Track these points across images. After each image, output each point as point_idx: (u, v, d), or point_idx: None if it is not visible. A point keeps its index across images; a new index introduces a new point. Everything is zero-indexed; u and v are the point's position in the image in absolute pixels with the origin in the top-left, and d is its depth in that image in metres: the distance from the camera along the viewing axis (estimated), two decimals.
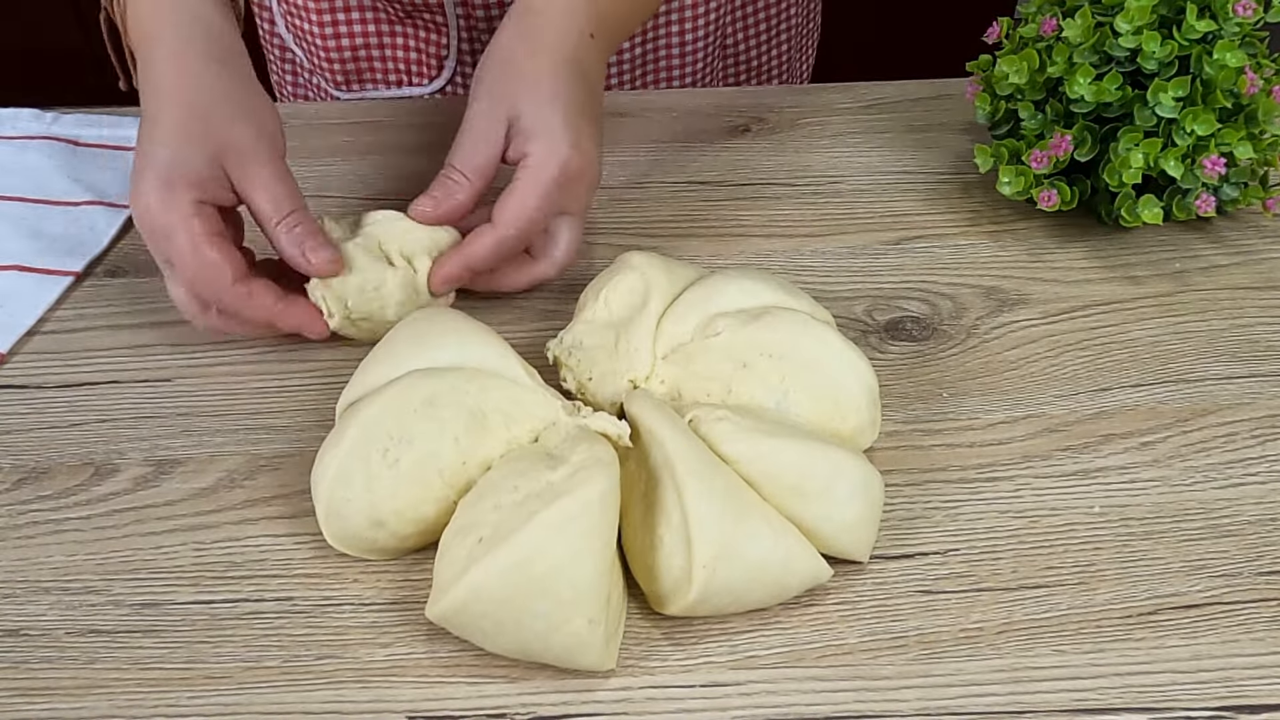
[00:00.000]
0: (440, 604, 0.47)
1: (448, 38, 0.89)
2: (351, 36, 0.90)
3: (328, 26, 0.89)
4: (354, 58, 0.91)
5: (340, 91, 0.94)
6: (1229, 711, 0.47)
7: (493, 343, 0.56)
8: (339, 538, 0.52)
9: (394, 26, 0.90)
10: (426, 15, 0.88)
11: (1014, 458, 0.58)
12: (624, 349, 0.58)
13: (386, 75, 0.92)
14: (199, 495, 0.57)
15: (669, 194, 0.77)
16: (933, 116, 0.84)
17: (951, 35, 0.97)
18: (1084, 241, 0.73)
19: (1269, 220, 0.74)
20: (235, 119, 0.59)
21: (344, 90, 0.93)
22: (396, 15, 0.89)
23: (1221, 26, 0.66)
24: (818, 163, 0.80)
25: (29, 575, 0.53)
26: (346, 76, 0.93)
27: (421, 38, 0.90)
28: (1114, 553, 0.54)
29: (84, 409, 0.61)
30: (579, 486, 0.47)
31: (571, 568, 0.46)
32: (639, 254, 0.61)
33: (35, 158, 0.79)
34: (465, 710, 0.48)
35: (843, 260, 0.71)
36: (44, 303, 0.68)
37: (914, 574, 0.53)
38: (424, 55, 0.91)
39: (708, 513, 0.48)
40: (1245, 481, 0.57)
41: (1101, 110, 0.69)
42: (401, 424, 0.51)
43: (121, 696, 0.48)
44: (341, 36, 0.90)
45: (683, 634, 0.50)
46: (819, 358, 0.56)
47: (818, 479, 0.51)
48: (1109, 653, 0.49)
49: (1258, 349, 0.65)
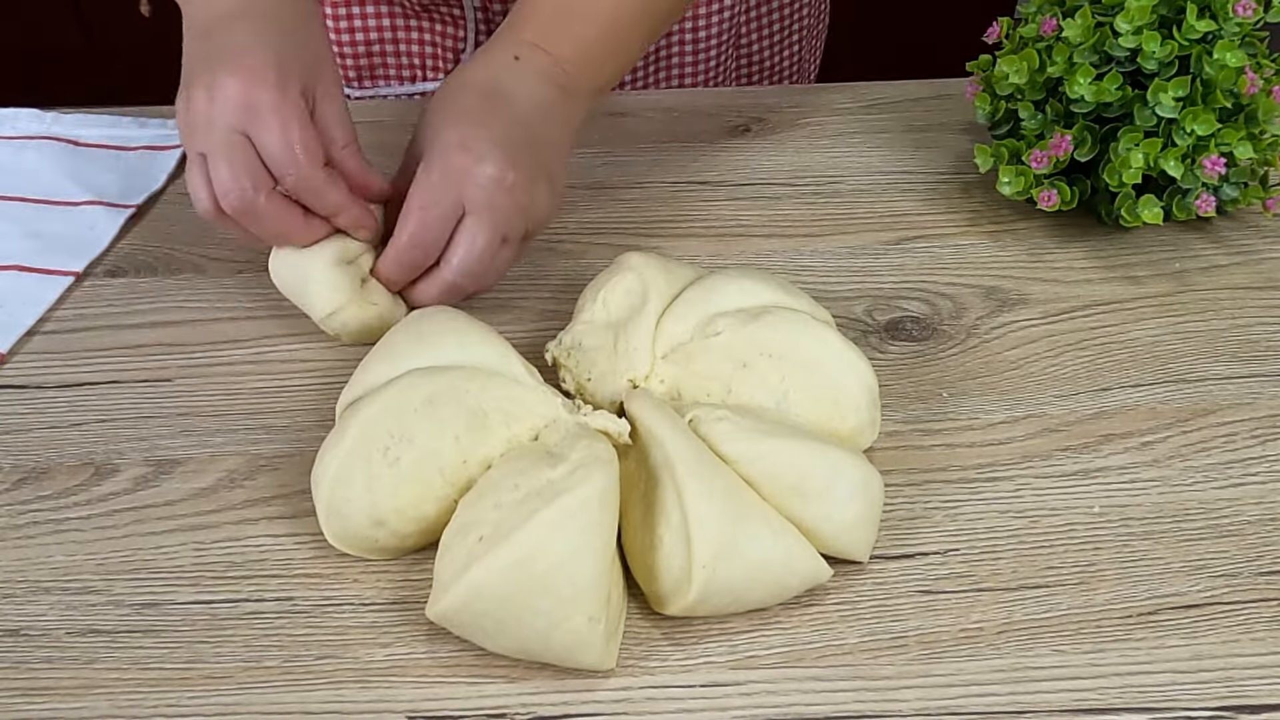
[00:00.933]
0: (441, 603, 0.47)
1: (465, 30, 0.89)
2: (366, 31, 0.90)
3: (342, 20, 0.89)
4: (368, 52, 0.91)
5: (352, 89, 0.94)
6: (1229, 711, 0.47)
7: (492, 341, 0.56)
8: (340, 537, 0.52)
9: (409, 20, 0.90)
10: (444, 8, 0.88)
11: (1014, 458, 0.58)
12: (623, 349, 0.58)
13: (400, 71, 0.92)
14: (199, 495, 0.57)
15: (669, 194, 0.77)
16: (933, 116, 0.84)
17: (951, 35, 0.97)
18: (1084, 241, 0.73)
19: (1269, 220, 0.74)
20: (323, 52, 0.63)
21: (355, 87, 0.93)
22: (413, 9, 0.89)
23: (1221, 26, 0.66)
24: (818, 163, 0.80)
25: (29, 575, 0.53)
26: (359, 72, 0.92)
27: (438, 31, 0.90)
28: (1114, 553, 0.54)
29: (84, 409, 0.61)
30: (578, 484, 0.47)
31: (571, 565, 0.46)
32: (636, 254, 0.61)
33: (35, 158, 0.79)
34: (465, 710, 0.48)
35: (843, 260, 0.71)
36: (44, 303, 0.68)
37: (914, 574, 0.53)
38: (440, 50, 0.91)
39: (707, 513, 0.48)
40: (1245, 481, 0.57)
41: (1101, 110, 0.69)
42: (402, 423, 0.51)
43: (121, 696, 0.48)
44: (356, 30, 0.90)
45: (683, 634, 0.50)
46: (819, 358, 0.56)
47: (818, 479, 0.51)
48: (1109, 653, 0.49)
49: (1258, 349, 0.65)
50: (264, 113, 0.58)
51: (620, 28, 0.68)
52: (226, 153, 0.58)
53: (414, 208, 0.61)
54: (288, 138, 0.58)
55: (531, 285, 0.70)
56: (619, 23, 0.68)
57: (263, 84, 0.58)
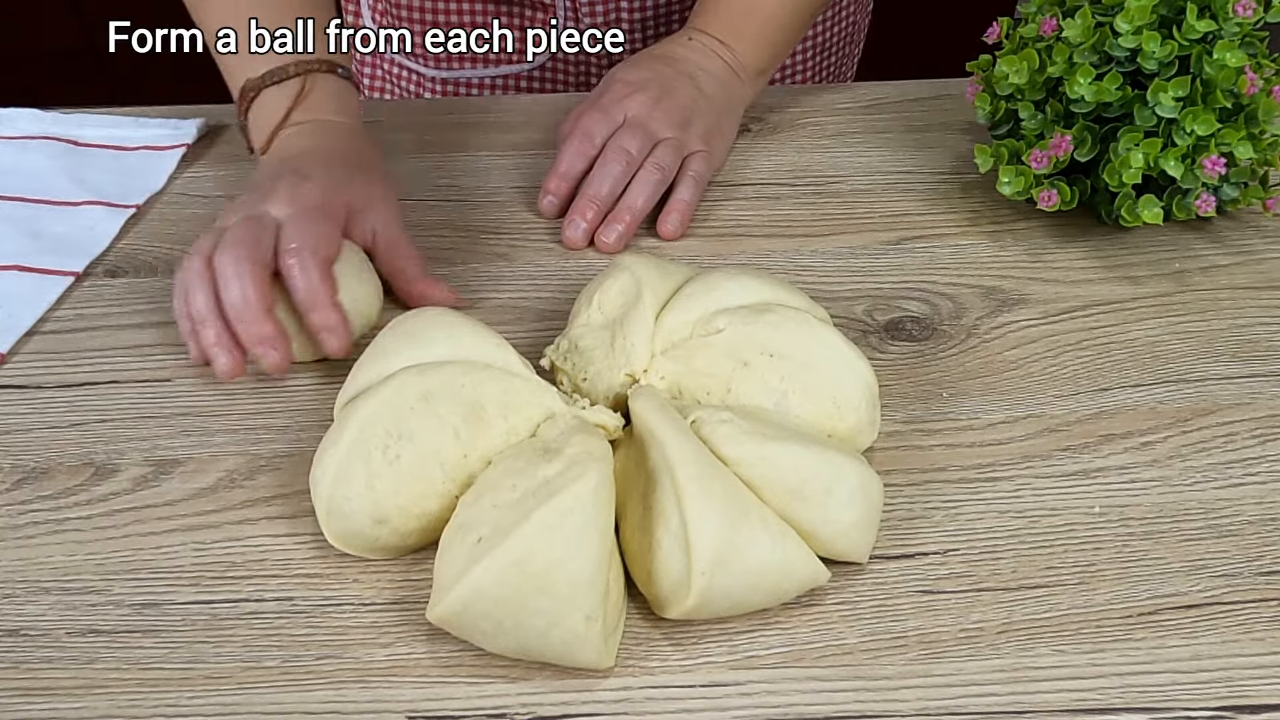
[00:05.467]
0: (440, 606, 0.47)
1: (555, 16, 0.90)
2: (448, 14, 0.91)
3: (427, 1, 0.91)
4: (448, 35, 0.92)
5: (428, 69, 0.94)
6: (1229, 711, 0.47)
7: (485, 335, 0.56)
8: (340, 537, 0.52)
9: (498, 5, 0.91)
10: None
11: (1014, 458, 0.58)
12: (620, 345, 0.58)
13: (487, 53, 0.94)
14: (199, 495, 0.57)
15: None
16: (933, 116, 0.84)
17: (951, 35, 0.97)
18: (1084, 241, 0.73)
19: (1269, 220, 0.74)
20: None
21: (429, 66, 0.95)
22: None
23: (1221, 26, 0.66)
24: (818, 163, 0.80)
25: (29, 575, 0.53)
26: (438, 58, 0.94)
27: (527, 16, 0.91)
28: (1114, 553, 0.53)
29: (84, 409, 0.61)
30: (572, 482, 0.47)
31: (568, 564, 0.46)
32: (629, 255, 0.61)
33: (35, 158, 0.79)
34: (465, 710, 0.48)
35: (842, 260, 0.71)
36: (44, 303, 0.68)
37: (914, 574, 0.53)
38: (525, 35, 0.92)
39: (707, 518, 0.48)
40: (1245, 481, 0.57)
41: (1101, 110, 0.69)
42: (400, 421, 0.51)
43: (121, 696, 0.48)
44: (439, 13, 0.92)
45: (683, 634, 0.50)
46: (819, 357, 0.56)
47: (818, 483, 0.51)
48: (1109, 653, 0.49)
49: (1258, 349, 0.65)
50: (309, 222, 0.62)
51: (782, 15, 0.80)
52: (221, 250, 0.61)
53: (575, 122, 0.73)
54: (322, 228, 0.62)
55: (531, 286, 0.70)
56: (780, 13, 0.80)
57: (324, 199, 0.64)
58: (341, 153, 0.68)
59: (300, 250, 0.60)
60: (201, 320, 0.60)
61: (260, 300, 0.59)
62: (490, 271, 0.71)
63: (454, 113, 0.86)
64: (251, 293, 0.59)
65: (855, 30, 1.03)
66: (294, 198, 0.63)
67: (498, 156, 0.81)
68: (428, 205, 0.76)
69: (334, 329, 0.61)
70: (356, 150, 0.69)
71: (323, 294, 0.60)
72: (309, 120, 0.69)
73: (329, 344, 0.61)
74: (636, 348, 0.57)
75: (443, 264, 0.71)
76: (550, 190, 0.73)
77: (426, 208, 0.76)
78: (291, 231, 0.61)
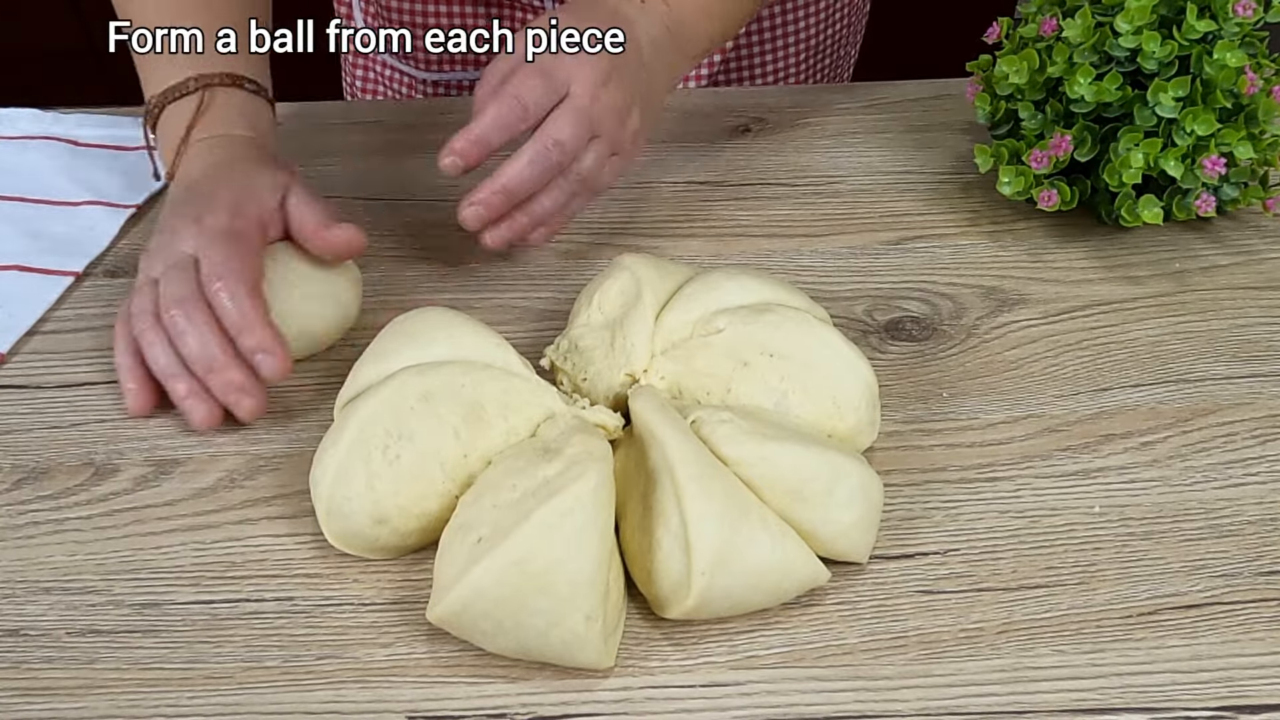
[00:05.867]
0: (441, 605, 0.47)
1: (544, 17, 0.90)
2: (438, 16, 0.91)
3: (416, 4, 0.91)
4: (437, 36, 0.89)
5: (420, 71, 0.94)
6: (1229, 711, 0.47)
7: (484, 335, 0.56)
8: (341, 537, 0.52)
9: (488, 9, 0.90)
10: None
11: (1014, 458, 0.58)
12: (620, 345, 0.58)
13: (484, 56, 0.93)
14: (199, 495, 0.57)
15: (669, 194, 0.77)
16: (933, 116, 0.84)
17: (951, 35, 0.97)
18: (1084, 241, 0.73)
19: (1269, 220, 0.74)
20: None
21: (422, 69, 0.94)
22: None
23: (1221, 26, 0.66)
24: (818, 163, 0.80)
25: (29, 575, 0.53)
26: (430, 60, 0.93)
27: (517, 19, 0.91)
28: (1114, 553, 0.53)
29: (84, 409, 0.61)
30: (572, 483, 0.47)
31: (567, 564, 0.46)
32: (629, 255, 0.61)
33: (35, 158, 0.79)
34: (465, 710, 0.48)
35: (842, 260, 0.71)
36: (44, 303, 0.68)
37: (914, 574, 0.53)
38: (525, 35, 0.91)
39: (707, 519, 0.48)
40: (1245, 481, 0.57)
41: (1101, 110, 0.69)
42: (400, 421, 0.52)
43: (121, 696, 0.48)
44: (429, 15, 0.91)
45: (683, 634, 0.50)
46: (819, 357, 0.56)
47: (818, 483, 0.51)
48: (1109, 653, 0.49)
49: (1258, 349, 0.65)
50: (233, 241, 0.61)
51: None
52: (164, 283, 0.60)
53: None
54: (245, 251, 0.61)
55: (531, 286, 0.70)
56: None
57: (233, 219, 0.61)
58: (242, 160, 0.65)
59: (222, 278, 0.58)
60: (171, 375, 0.59)
61: (223, 348, 0.58)
62: (490, 271, 0.71)
63: (453, 112, 0.86)
64: (213, 342, 0.58)
65: (852, 32, 1.03)
66: (202, 229, 0.60)
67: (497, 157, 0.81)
68: (427, 205, 0.76)
69: (268, 349, 0.58)
70: (256, 154, 0.67)
71: (251, 316, 0.58)
72: (207, 137, 0.66)
73: (263, 366, 0.58)
74: (636, 348, 0.57)
75: (442, 264, 0.71)
76: (457, 151, 0.64)
77: (426, 208, 0.76)
78: (207, 266, 0.59)
